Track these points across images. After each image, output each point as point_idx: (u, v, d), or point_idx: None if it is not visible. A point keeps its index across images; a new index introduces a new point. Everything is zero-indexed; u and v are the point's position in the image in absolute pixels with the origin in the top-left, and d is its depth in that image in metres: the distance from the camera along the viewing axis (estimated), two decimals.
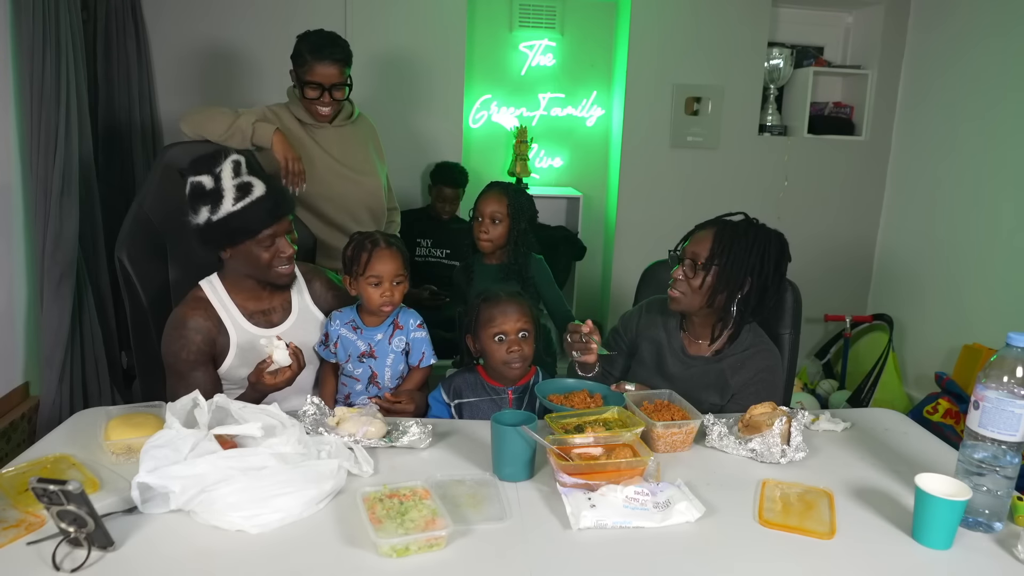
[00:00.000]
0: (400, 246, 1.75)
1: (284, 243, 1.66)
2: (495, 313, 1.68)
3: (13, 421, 2.29)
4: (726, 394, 1.70)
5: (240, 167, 1.63)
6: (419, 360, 1.78)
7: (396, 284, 1.71)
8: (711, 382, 1.71)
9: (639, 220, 3.74)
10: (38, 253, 2.32)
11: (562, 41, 3.74)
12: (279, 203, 1.64)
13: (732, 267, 1.63)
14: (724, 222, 1.68)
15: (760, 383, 1.69)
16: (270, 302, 1.75)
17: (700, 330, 1.75)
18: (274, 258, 1.65)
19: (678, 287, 1.69)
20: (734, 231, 1.65)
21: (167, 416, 1.25)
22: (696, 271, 1.65)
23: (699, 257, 1.65)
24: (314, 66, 2.21)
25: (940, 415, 3.10)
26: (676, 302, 1.70)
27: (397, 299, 1.73)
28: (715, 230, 1.67)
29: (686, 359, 1.75)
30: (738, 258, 1.63)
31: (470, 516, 1.18)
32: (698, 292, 1.66)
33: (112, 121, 3.02)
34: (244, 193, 1.60)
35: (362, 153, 2.42)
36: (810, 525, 1.20)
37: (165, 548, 1.09)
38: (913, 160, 3.79)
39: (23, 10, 2.20)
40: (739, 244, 1.63)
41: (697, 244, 1.68)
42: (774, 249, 1.66)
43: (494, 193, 2.36)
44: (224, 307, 1.69)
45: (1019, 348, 1.16)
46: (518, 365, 1.68)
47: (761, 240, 1.65)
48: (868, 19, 3.91)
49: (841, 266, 4.00)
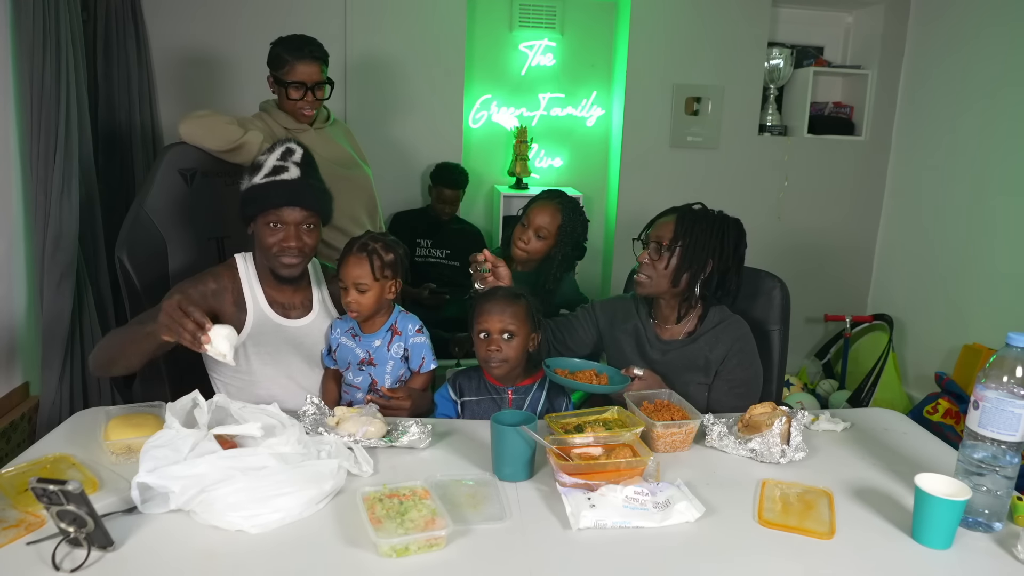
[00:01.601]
0: (376, 249, 1.67)
1: (290, 233, 1.63)
2: (484, 309, 1.67)
3: (13, 421, 2.29)
4: (710, 371, 1.76)
5: (291, 154, 1.66)
6: (419, 366, 1.77)
7: (360, 291, 1.66)
8: (691, 363, 1.76)
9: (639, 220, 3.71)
10: (38, 253, 2.32)
11: (562, 41, 3.74)
12: (299, 193, 1.64)
13: (694, 248, 1.72)
14: (685, 208, 1.78)
15: (739, 352, 1.75)
16: (290, 297, 1.75)
17: (668, 313, 1.81)
18: (276, 245, 1.64)
19: (644, 271, 1.77)
20: (694, 216, 1.75)
21: (167, 416, 1.25)
22: (661, 253, 1.73)
23: (663, 239, 1.74)
24: (296, 66, 2.22)
25: (940, 415, 3.10)
26: (642, 286, 1.77)
27: (364, 305, 1.66)
28: (676, 215, 1.76)
29: (661, 345, 1.81)
30: (699, 240, 1.72)
31: (470, 516, 1.19)
32: (664, 274, 1.74)
33: (112, 121, 3.02)
34: (275, 173, 1.63)
35: (345, 151, 2.43)
36: (810, 525, 1.20)
37: (165, 548, 1.09)
38: (913, 160, 3.79)
39: (23, 10, 2.20)
40: (699, 227, 1.73)
41: (660, 229, 1.77)
42: (732, 232, 1.76)
43: (550, 205, 2.18)
44: (250, 284, 1.72)
45: (1019, 348, 1.16)
46: (496, 365, 1.66)
47: (719, 224, 1.75)
48: (868, 19, 3.91)
49: (841, 266, 4.00)
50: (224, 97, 3.30)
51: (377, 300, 1.68)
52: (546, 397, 1.72)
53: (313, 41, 2.27)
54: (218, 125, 2.08)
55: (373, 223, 2.47)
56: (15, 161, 2.31)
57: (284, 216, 1.62)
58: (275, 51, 2.25)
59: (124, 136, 3.04)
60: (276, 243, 1.64)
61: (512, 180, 3.69)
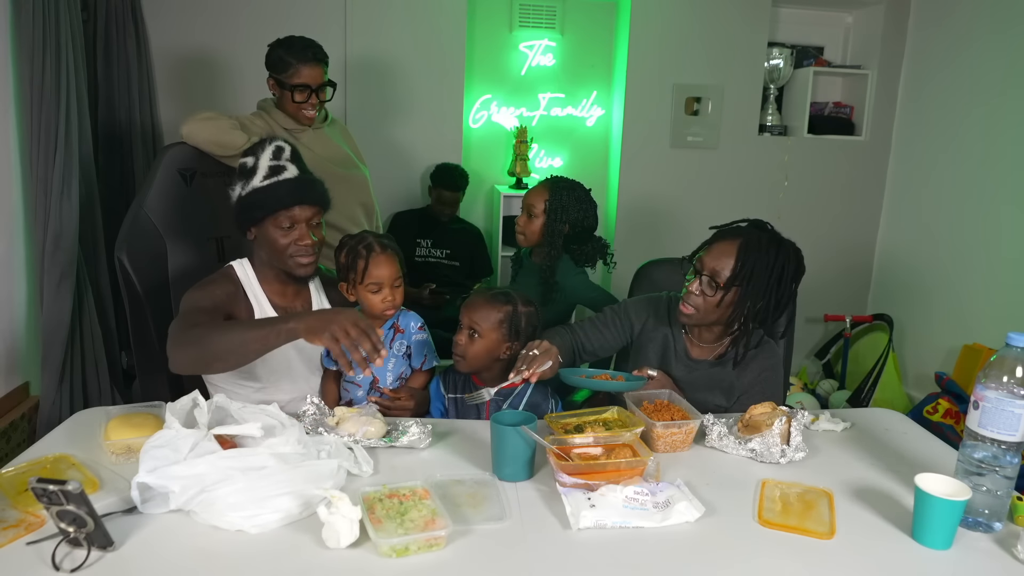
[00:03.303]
0: (394, 247, 1.74)
1: (304, 231, 1.64)
2: (468, 301, 1.70)
3: (13, 421, 2.29)
4: (732, 395, 1.70)
5: (282, 152, 1.65)
6: (421, 363, 1.77)
7: (396, 287, 1.71)
8: (715, 384, 1.70)
9: (639, 220, 3.75)
10: (38, 253, 2.32)
11: (562, 41, 3.74)
12: (306, 189, 1.64)
13: (754, 288, 1.57)
14: (747, 236, 1.60)
15: (764, 382, 1.69)
16: (292, 301, 1.75)
17: (705, 335, 1.72)
18: (291, 244, 1.64)
19: (691, 301, 1.61)
20: (757, 248, 1.57)
21: (167, 416, 1.25)
22: (716, 290, 1.58)
23: (719, 276, 1.57)
24: (300, 69, 2.22)
25: (940, 415, 3.10)
26: (688, 317, 1.64)
27: (398, 301, 1.72)
28: (738, 245, 1.58)
29: (689, 363, 1.74)
30: (759, 278, 1.57)
31: (470, 516, 1.18)
32: (714, 310, 1.60)
33: (112, 121, 3.02)
34: (274, 173, 1.62)
35: (343, 151, 2.43)
36: (810, 525, 1.20)
37: (165, 548, 1.09)
38: (913, 160, 3.79)
39: (23, 10, 2.20)
40: (760, 263, 1.56)
41: (717, 259, 1.59)
42: (792, 265, 1.60)
43: (540, 186, 2.28)
44: (252, 289, 1.71)
45: (1019, 348, 1.16)
46: (456, 358, 1.68)
47: (782, 259, 1.59)
48: (868, 19, 3.91)
49: (841, 266, 4.00)
50: (224, 97, 3.30)
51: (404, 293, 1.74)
52: (526, 404, 1.64)
53: (315, 43, 2.27)
54: (222, 131, 2.08)
55: (370, 223, 2.47)
56: (15, 161, 2.31)
57: (296, 215, 1.62)
58: (277, 53, 2.24)
59: (124, 136, 3.04)
60: (291, 243, 1.63)
61: (512, 180, 3.69)
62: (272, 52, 2.25)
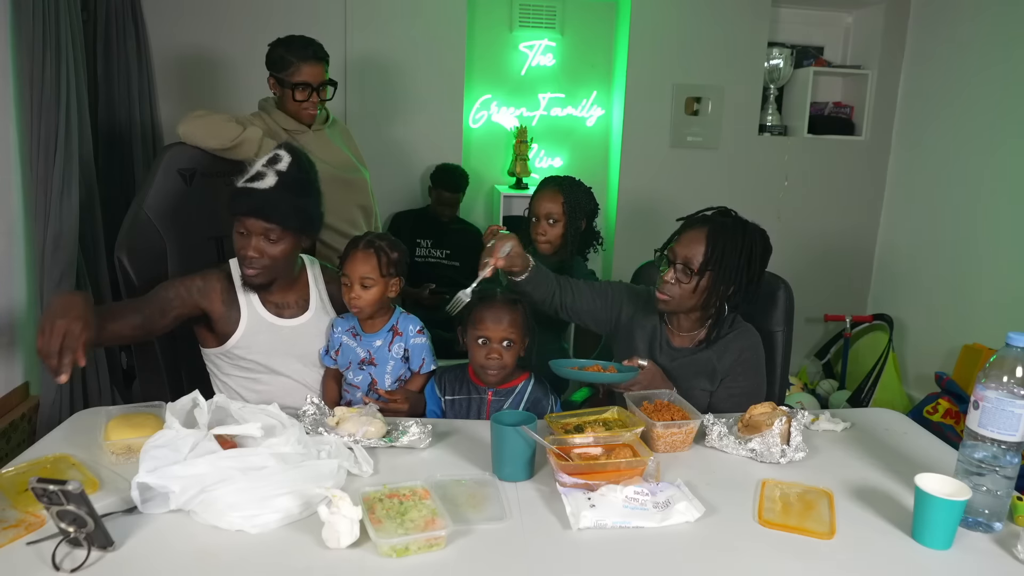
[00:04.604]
0: (383, 247, 1.69)
1: (253, 243, 1.61)
2: (485, 315, 1.67)
3: (13, 421, 2.29)
4: (715, 379, 1.74)
5: (276, 161, 1.65)
6: (419, 366, 1.77)
7: (366, 287, 1.66)
8: (699, 370, 1.74)
9: (639, 220, 3.74)
10: (38, 253, 2.32)
11: (562, 41, 3.74)
12: (265, 205, 1.59)
13: (725, 271, 1.64)
14: (714, 223, 1.67)
15: (744, 362, 1.73)
16: (283, 296, 1.75)
17: (684, 323, 1.77)
18: (241, 251, 1.64)
19: (667, 290, 1.68)
20: (724, 233, 1.64)
21: (167, 416, 1.25)
22: (690, 276, 1.65)
23: (691, 263, 1.64)
24: (301, 67, 2.22)
25: (940, 415, 3.10)
26: (666, 304, 1.70)
27: (367, 301, 1.66)
28: (707, 232, 1.65)
29: (672, 351, 1.78)
30: (729, 261, 1.63)
31: (470, 516, 1.19)
32: (690, 296, 1.67)
33: (112, 121, 3.02)
34: (253, 179, 1.62)
35: (343, 154, 2.43)
36: (810, 525, 1.20)
37: (165, 548, 1.09)
38: (913, 160, 3.79)
39: (23, 10, 2.20)
40: (730, 246, 1.63)
41: (688, 247, 1.66)
42: (759, 247, 1.68)
43: (548, 191, 2.24)
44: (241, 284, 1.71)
45: (1019, 348, 1.16)
46: (494, 372, 1.67)
47: (749, 241, 1.66)
48: (868, 19, 3.91)
49: (841, 266, 4.00)
50: (224, 97, 3.30)
51: (379, 297, 1.69)
52: (527, 401, 1.72)
53: (315, 42, 2.27)
54: (216, 123, 2.09)
55: (369, 225, 2.47)
56: (15, 161, 2.31)
57: (249, 225, 1.62)
58: (277, 52, 2.24)
59: (124, 136, 3.04)
60: (241, 249, 1.64)
61: (512, 180, 3.69)
62: (272, 51, 2.25)
